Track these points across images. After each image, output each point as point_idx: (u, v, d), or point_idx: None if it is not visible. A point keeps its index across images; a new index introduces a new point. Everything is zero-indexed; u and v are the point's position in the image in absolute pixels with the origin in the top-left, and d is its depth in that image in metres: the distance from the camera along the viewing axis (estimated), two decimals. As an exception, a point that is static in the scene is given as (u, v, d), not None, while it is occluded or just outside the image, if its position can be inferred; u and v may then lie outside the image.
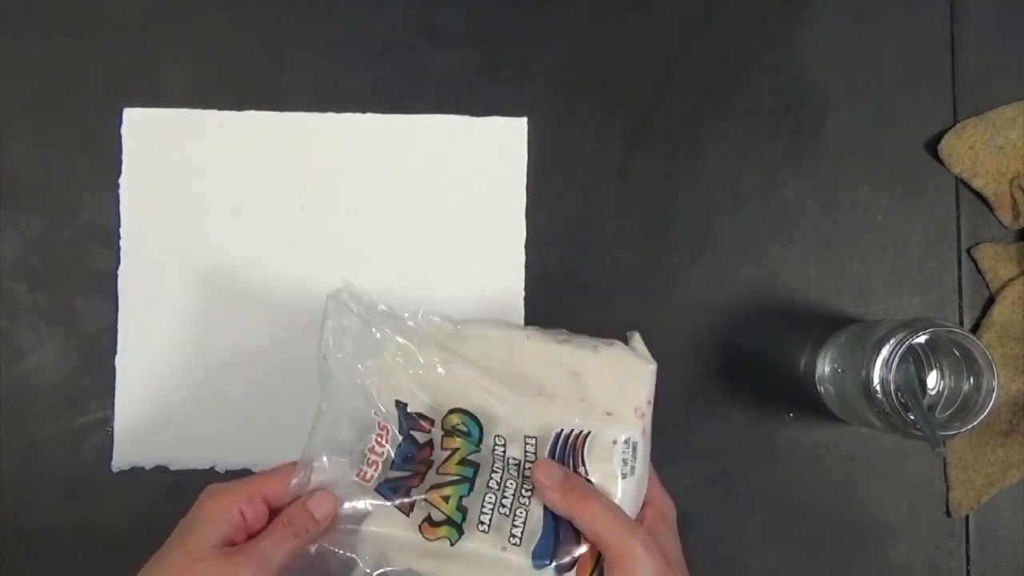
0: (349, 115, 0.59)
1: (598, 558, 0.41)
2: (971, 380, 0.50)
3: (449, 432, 0.44)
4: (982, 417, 0.49)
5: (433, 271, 0.58)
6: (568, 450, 0.43)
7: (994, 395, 0.49)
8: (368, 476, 0.43)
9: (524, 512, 0.42)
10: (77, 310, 0.57)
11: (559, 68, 0.60)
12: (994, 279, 0.59)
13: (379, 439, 0.44)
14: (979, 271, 0.59)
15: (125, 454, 0.56)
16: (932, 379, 0.52)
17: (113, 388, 0.56)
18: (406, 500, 0.42)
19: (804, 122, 0.60)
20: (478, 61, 0.59)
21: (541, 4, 0.60)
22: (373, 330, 0.45)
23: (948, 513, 0.58)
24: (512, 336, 0.46)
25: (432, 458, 0.44)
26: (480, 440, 0.44)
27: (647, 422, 0.44)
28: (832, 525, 0.58)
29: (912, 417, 0.49)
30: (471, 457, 0.44)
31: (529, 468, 0.43)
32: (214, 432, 0.57)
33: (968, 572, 0.58)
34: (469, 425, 0.44)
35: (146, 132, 0.58)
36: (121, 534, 0.56)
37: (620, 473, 0.43)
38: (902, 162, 0.60)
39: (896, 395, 0.49)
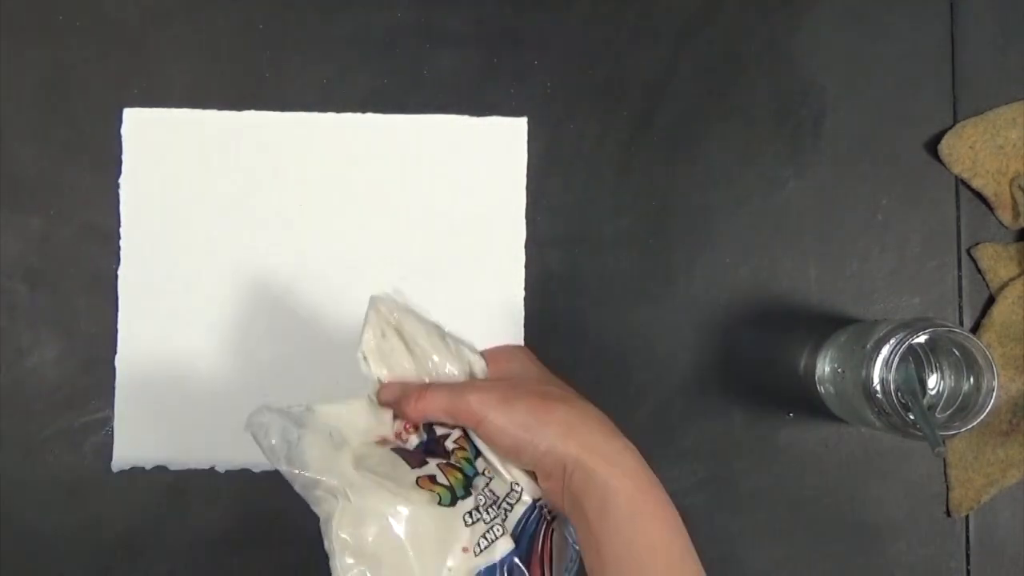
0: (349, 115, 0.59)
1: None
2: (971, 380, 0.50)
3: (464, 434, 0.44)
4: (982, 417, 0.49)
5: (433, 271, 0.58)
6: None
7: (994, 395, 0.49)
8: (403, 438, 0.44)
9: (494, 536, 0.41)
10: (77, 310, 0.57)
11: (559, 68, 0.60)
12: (994, 279, 0.59)
13: (406, 427, 0.45)
14: (979, 271, 0.59)
15: (125, 454, 0.56)
16: (932, 379, 0.52)
17: (113, 388, 0.56)
18: (421, 458, 0.42)
19: (804, 122, 0.60)
20: (478, 61, 0.59)
21: (541, 4, 0.60)
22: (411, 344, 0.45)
23: (948, 513, 0.58)
24: None
25: (445, 447, 0.44)
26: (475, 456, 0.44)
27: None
28: (832, 525, 0.58)
29: (912, 417, 0.49)
30: (474, 461, 0.43)
31: (508, 504, 0.42)
32: (214, 432, 0.57)
33: (968, 572, 0.58)
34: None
35: (146, 132, 0.58)
36: (121, 534, 0.56)
37: None
38: (902, 162, 0.60)
39: (896, 395, 0.49)
